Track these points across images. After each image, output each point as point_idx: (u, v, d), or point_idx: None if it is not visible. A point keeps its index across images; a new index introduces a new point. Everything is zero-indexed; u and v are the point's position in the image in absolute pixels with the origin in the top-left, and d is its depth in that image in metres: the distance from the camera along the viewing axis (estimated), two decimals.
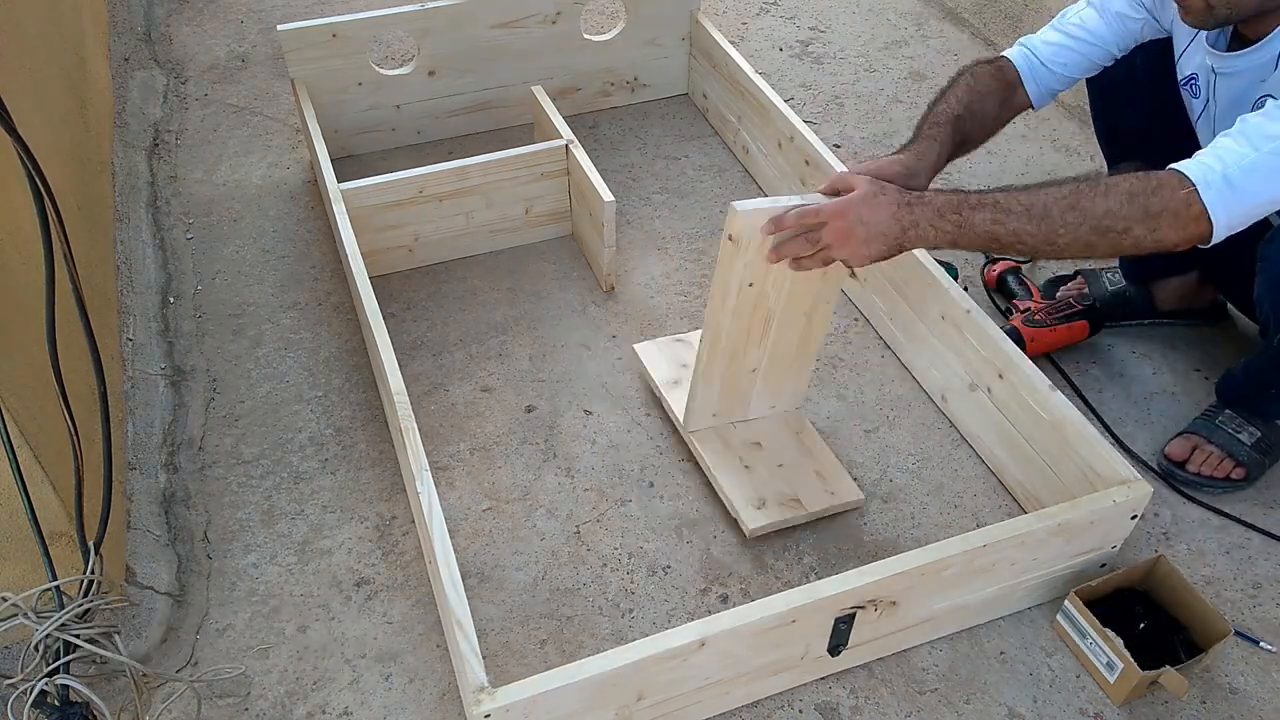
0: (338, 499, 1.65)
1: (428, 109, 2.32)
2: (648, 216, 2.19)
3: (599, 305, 1.99)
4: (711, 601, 1.51)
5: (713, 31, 2.33)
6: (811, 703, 1.40)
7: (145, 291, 1.96)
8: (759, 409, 1.68)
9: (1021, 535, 1.35)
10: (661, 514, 1.63)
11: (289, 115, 2.46)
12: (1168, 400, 1.80)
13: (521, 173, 2.00)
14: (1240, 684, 1.42)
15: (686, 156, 2.36)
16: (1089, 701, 1.40)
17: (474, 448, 1.73)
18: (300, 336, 1.92)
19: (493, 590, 1.53)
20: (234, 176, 2.29)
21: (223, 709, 1.39)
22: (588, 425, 1.76)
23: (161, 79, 2.57)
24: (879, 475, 1.68)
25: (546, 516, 1.63)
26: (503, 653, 1.45)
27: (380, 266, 2.01)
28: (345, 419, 1.77)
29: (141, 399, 1.75)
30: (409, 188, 1.93)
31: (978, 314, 1.63)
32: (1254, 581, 1.54)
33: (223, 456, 1.71)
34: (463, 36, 2.23)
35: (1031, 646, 1.46)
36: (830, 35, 2.78)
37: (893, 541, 1.59)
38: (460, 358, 1.89)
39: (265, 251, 2.10)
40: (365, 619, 1.49)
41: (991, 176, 2.28)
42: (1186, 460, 1.66)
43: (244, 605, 1.51)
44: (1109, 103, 1.75)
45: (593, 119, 2.46)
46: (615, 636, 1.47)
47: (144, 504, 1.60)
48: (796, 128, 2.02)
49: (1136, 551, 1.56)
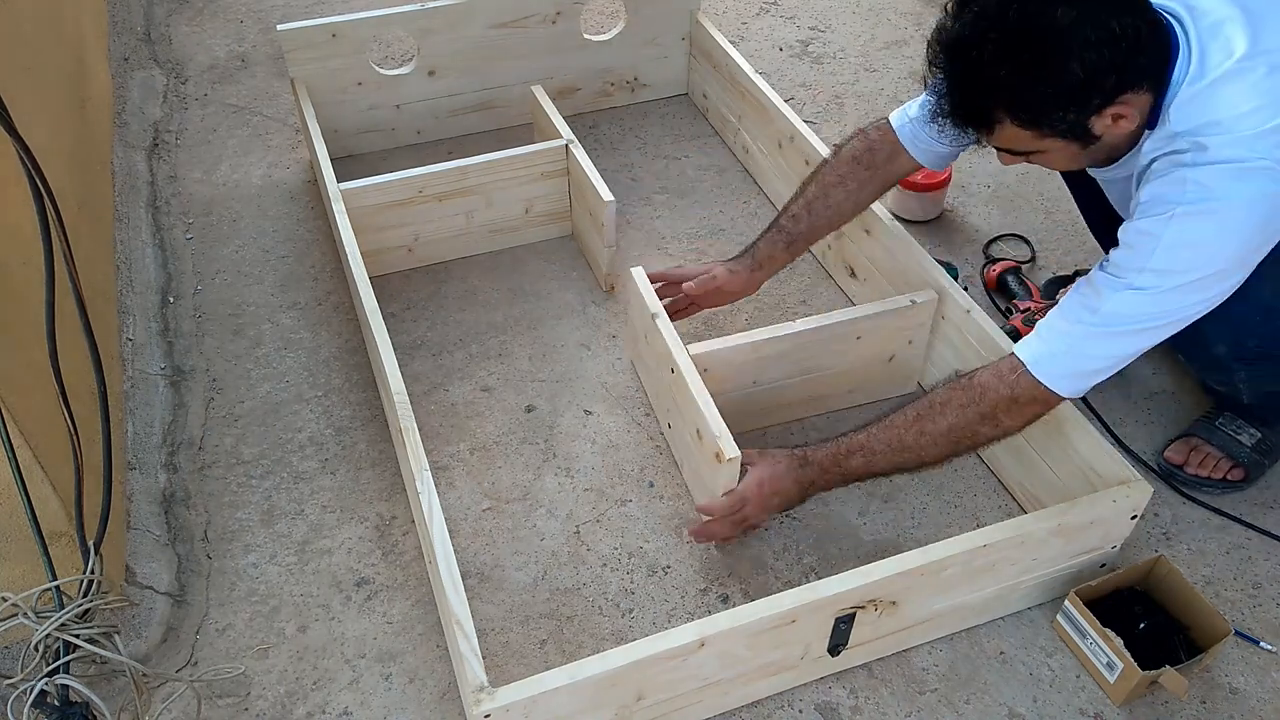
0: (338, 499, 1.65)
1: (428, 109, 2.32)
2: (648, 216, 2.19)
3: (599, 305, 1.99)
4: (711, 601, 1.51)
5: (713, 31, 2.33)
6: (811, 703, 1.40)
7: (145, 291, 1.96)
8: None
9: (1021, 535, 1.35)
10: (661, 514, 1.63)
11: (289, 115, 2.46)
12: (1168, 400, 1.80)
13: (521, 173, 2.00)
14: (1240, 684, 1.42)
15: (686, 156, 2.36)
16: (1089, 701, 1.40)
17: (474, 448, 1.73)
18: (300, 336, 1.92)
19: (493, 590, 1.53)
20: (234, 176, 2.29)
21: (223, 709, 1.39)
22: (588, 425, 1.76)
23: (161, 79, 2.57)
24: None
25: (546, 516, 1.63)
26: (502, 653, 1.45)
27: (380, 266, 2.01)
28: (345, 419, 1.77)
29: (141, 399, 1.75)
30: (409, 188, 1.93)
31: (978, 314, 1.63)
32: (1254, 581, 1.54)
33: (223, 456, 1.71)
34: (463, 36, 2.23)
35: (1031, 646, 1.46)
36: (830, 35, 2.78)
37: (893, 541, 1.59)
38: (460, 358, 1.89)
39: (265, 251, 2.10)
40: (365, 619, 1.49)
41: (992, 175, 2.28)
42: (1185, 462, 1.66)
43: (244, 605, 1.51)
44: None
45: (593, 119, 2.46)
46: (615, 636, 1.47)
47: (144, 504, 1.60)
48: (796, 128, 2.02)
49: (1136, 551, 1.56)
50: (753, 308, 1.97)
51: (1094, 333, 1.29)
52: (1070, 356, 1.31)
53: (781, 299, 2.00)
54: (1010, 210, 2.19)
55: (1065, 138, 1.26)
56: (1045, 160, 1.35)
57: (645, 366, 1.76)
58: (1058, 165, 1.39)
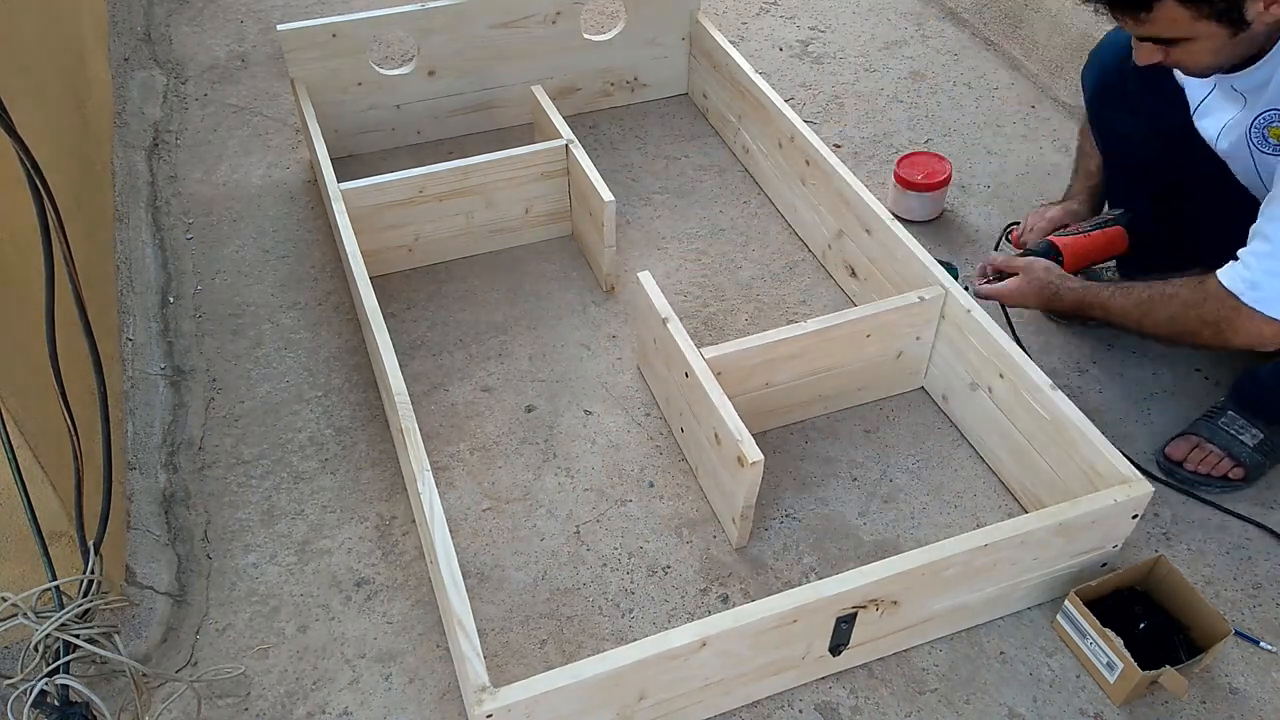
0: (338, 499, 1.65)
1: (428, 109, 2.32)
2: (648, 216, 2.19)
3: (599, 305, 1.99)
4: (711, 601, 1.51)
5: (713, 31, 2.33)
6: (811, 703, 1.40)
7: (145, 291, 1.96)
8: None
9: (1022, 535, 1.35)
10: (661, 514, 1.63)
11: (289, 115, 2.46)
12: (1168, 400, 1.80)
13: (521, 173, 2.00)
14: (1240, 684, 1.42)
15: (686, 156, 2.36)
16: (1089, 701, 1.40)
17: (474, 448, 1.73)
18: (300, 336, 1.92)
19: (493, 590, 1.53)
20: (234, 176, 2.29)
21: (223, 709, 1.39)
22: (588, 425, 1.76)
23: (161, 79, 2.57)
24: (879, 475, 1.68)
25: (546, 516, 1.63)
26: (503, 653, 1.45)
27: (380, 266, 2.01)
28: (345, 419, 1.77)
29: (141, 399, 1.75)
30: (409, 188, 1.93)
31: (978, 313, 1.63)
32: (1254, 581, 1.54)
33: (223, 456, 1.71)
34: (463, 36, 2.23)
35: (1031, 646, 1.46)
36: (830, 35, 2.78)
37: (893, 541, 1.59)
38: (460, 358, 1.88)
39: (265, 251, 2.10)
40: (365, 619, 1.49)
41: (992, 175, 2.28)
42: (1185, 459, 1.66)
43: (244, 605, 1.51)
44: (1105, 104, 1.75)
45: (593, 119, 2.46)
46: (615, 636, 1.47)
47: (144, 504, 1.60)
48: (796, 128, 2.02)
49: (1137, 551, 1.56)
50: (753, 308, 1.97)
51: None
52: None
53: (781, 299, 2.00)
54: (1010, 210, 2.19)
55: (1220, 20, 1.28)
56: (1188, 53, 1.35)
57: (653, 370, 1.76)
58: (1200, 59, 1.38)
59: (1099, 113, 1.79)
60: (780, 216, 2.18)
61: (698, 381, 1.53)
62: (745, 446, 1.42)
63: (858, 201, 1.86)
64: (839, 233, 1.96)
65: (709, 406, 1.51)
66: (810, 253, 2.09)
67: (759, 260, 2.08)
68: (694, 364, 1.55)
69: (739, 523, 1.52)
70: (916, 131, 2.43)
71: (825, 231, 2.01)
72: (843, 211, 1.92)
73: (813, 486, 1.67)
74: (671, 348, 1.61)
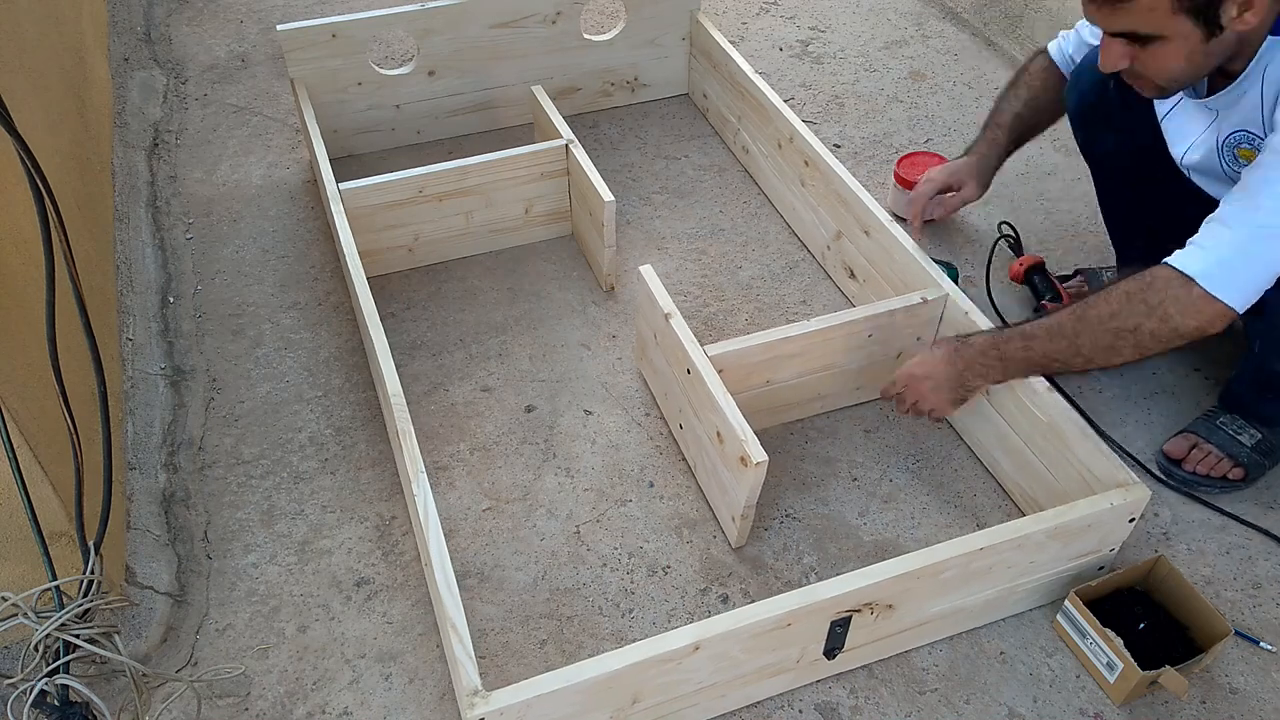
0: (338, 499, 1.65)
1: (428, 109, 2.32)
2: (648, 216, 2.19)
3: (599, 305, 1.99)
4: (711, 602, 1.51)
5: (713, 31, 2.33)
6: (811, 703, 1.40)
7: (145, 291, 1.96)
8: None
9: (1019, 538, 1.35)
10: (661, 514, 1.63)
11: (289, 115, 2.46)
12: (1168, 400, 1.80)
13: (521, 173, 2.00)
14: (1240, 684, 1.42)
15: (686, 156, 2.36)
16: (1089, 701, 1.40)
17: (474, 448, 1.73)
18: (300, 336, 1.92)
19: (492, 590, 1.53)
20: (234, 176, 2.29)
21: (223, 709, 1.39)
22: (588, 425, 1.77)
23: (161, 79, 2.57)
24: (879, 475, 1.69)
25: (546, 516, 1.63)
26: (502, 653, 1.45)
27: (380, 266, 2.01)
28: (345, 419, 1.77)
29: (141, 399, 1.76)
30: (409, 188, 1.93)
31: (976, 315, 1.63)
32: (1254, 581, 1.54)
33: (223, 456, 1.71)
34: (463, 36, 2.23)
35: (1031, 646, 1.46)
36: (830, 35, 2.78)
37: (892, 542, 1.59)
38: (460, 358, 1.89)
39: (265, 251, 2.10)
40: (365, 619, 1.49)
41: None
42: (1184, 458, 1.66)
43: (244, 605, 1.51)
44: (1085, 124, 1.75)
45: (593, 119, 2.46)
46: (615, 637, 1.47)
47: (144, 504, 1.60)
48: (796, 128, 2.02)
49: (1136, 552, 1.56)
50: (753, 308, 1.97)
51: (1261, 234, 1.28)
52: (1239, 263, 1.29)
53: (781, 299, 2.00)
54: (1010, 210, 2.19)
55: (1196, 18, 1.25)
56: (1161, 54, 1.31)
57: (653, 367, 1.76)
58: (1168, 65, 1.33)
59: (1080, 132, 1.77)
60: (780, 217, 2.18)
61: (700, 379, 1.53)
62: (749, 447, 1.42)
63: (856, 202, 1.86)
64: (838, 234, 1.96)
65: (712, 404, 1.51)
66: (809, 253, 2.09)
67: (759, 260, 2.08)
68: (696, 360, 1.54)
69: (739, 522, 1.52)
70: (916, 131, 2.43)
71: (824, 233, 2.01)
72: (841, 213, 1.92)
73: (813, 486, 1.67)
74: (673, 343, 1.61)
